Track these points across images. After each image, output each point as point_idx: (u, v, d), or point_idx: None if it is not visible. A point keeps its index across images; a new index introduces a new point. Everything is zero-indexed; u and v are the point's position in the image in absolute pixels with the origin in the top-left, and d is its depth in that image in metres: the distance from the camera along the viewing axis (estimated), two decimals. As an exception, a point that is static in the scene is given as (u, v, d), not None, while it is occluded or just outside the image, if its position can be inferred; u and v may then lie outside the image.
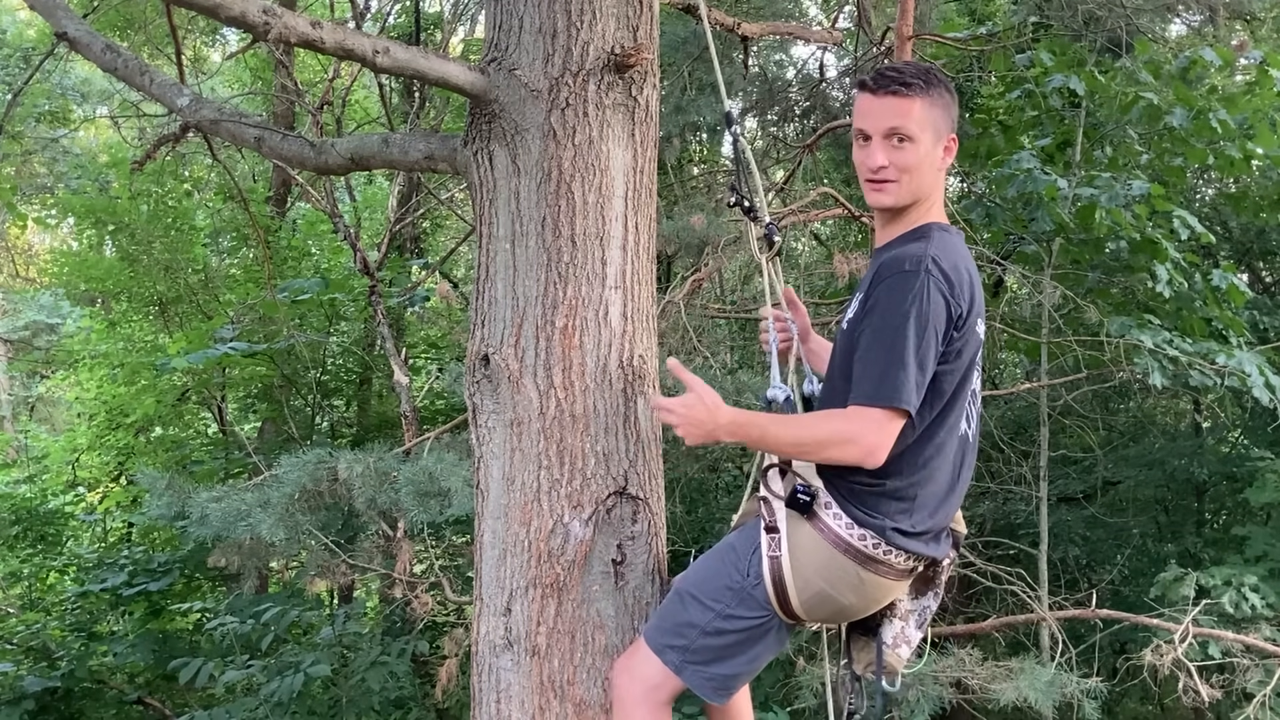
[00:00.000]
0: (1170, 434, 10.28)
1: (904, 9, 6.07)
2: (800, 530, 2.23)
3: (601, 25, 2.59)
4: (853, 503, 2.21)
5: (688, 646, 2.29)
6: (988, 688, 5.34)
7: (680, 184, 8.58)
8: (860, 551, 2.21)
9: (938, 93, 2.25)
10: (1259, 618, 6.36)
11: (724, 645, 2.30)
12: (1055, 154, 7.09)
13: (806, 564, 2.22)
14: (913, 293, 2.12)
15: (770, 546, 2.24)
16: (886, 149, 2.24)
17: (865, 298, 2.23)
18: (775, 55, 9.15)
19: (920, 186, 2.28)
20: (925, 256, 2.16)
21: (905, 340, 2.10)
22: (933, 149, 2.26)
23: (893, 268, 2.17)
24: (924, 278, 2.13)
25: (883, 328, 2.13)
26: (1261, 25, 9.00)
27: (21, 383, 16.54)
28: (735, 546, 2.34)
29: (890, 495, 2.21)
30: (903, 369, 2.10)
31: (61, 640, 9.03)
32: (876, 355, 2.12)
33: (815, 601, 2.24)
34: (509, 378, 2.53)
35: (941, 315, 2.14)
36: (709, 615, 2.29)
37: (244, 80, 12.55)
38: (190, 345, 8.70)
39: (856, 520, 2.20)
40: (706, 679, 2.31)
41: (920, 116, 2.23)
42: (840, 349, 2.30)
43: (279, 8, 2.45)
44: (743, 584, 2.27)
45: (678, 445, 7.82)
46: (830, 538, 2.21)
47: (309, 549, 5.69)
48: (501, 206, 2.60)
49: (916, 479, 2.23)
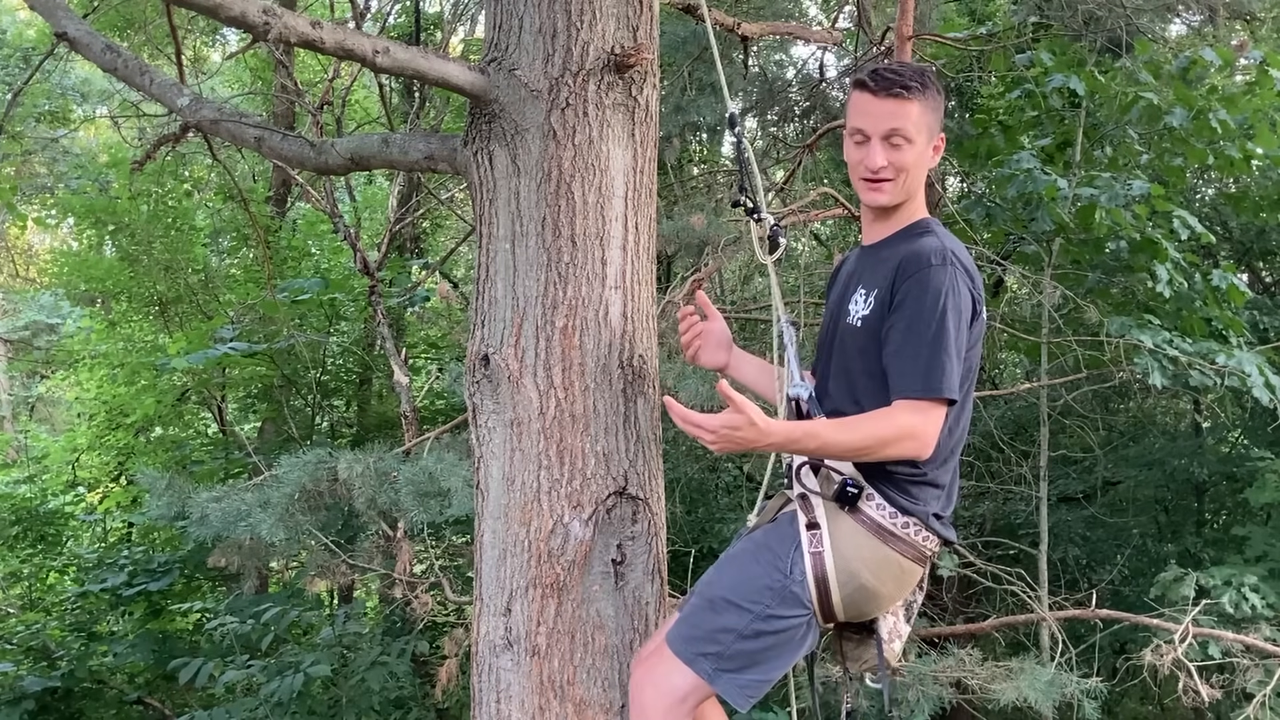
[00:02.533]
0: (1170, 434, 10.28)
1: (904, 9, 6.07)
2: (841, 524, 2.24)
3: (601, 25, 2.59)
4: (895, 492, 2.24)
5: (722, 653, 2.26)
6: (988, 688, 5.34)
7: (680, 184, 8.57)
8: (902, 539, 2.24)
9: (932, 94, 2.31)
10: (1259, 618, 6.36)
11: (760, 649, 2.27)
12: (1055, 154, 7.08)
13: (851, 557, 2.23)
14: (945, 286, 2.18)
15: (812, 543, 2.24)
16: (885, 149, 2.28)
17: (887, 294, 2.24)
18: (775, 55, 9.16)
19: (912, 185, 2.34)
20: (946, 250, 2.23)
21: (945, 332, 2.16)
22: (925, 149, 2.32)
23: (919, 263, 2.21)
24: (951, 270, 2.20)
25: (920, 321, 2.17)
26: (1261, 25, 9.00)
27: (21, 383, 16.53)
28: (770, 546, 2.32)
29: (930, 483, 2.27)
30: (948, 360, 2.15)
31: (61, 640, 9.02)
32: (918, 349, 2.16)
33: (856, 596, 2.25)
34: (509, 378, 2.53)
35: (967, 307, 2.22)
36: (747, 618, 2.26)
37: (244, 80, 12.55)
38: (190, 345, 8.70)
39: (901, 509, 2.24)
40: (740, 686, 2.28)
41: (918, 118, 2.28)
42: (854, 346, 2.30)
43: (279, 8, 2.45)
44: (784, 582, 2.26)
45: (678, 445, 7.84)
46: (873, 529, 2.23)
47: (309, 549, 5.69)
48: (501, 206, 2.60)
49: (946, 466, 2.30)
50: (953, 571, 6.36)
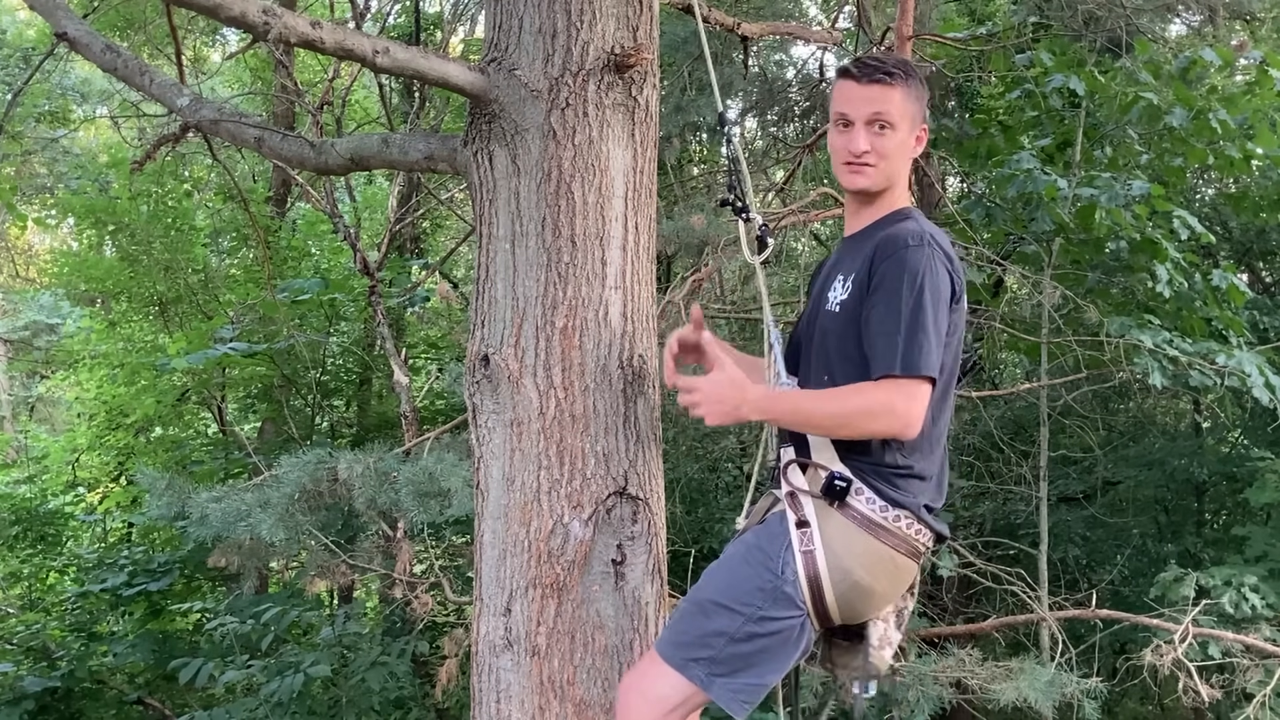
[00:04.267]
0: (1170, 434, 10.28)
1: (904, 9, 6.08)
2: (831, 521, 2.22)
3: (601, 25, 2.59)
4: (884, 485, 2.22)
5: (714, 658, 2.22)
6: (988, 688, 5.34)
7: (680, 184, 8.57)
8: (894, 532, 2.22)
9: (914, 84, 2.35)
10: (1259, 618, 6.36)
11: (753, 652, 2.23)
12: (1055, 154, 7.09)
13: (843, 554, 2.20)
14: (922, 265, 2.17)
15: (803, 541, 2.21)
16: (869, 134, 2.31)
17: (865, 276, 2.23)
18: (775, 55, 9.16)
19: (894, 172, 2.36)
20: (924, 232, 2.24)
21: (923, 310, 2.15)
22: (908, 137, 2.35)
23: (895, 244, 2.21)
24: (928, 250, 2.20)
25: (896, 300, 2.16)
26: (1261, 25, 9.00)
27: (21, 383, 16.53)
28: (761, 547, 2.28)
29: (918, 475, 2.25)
30: (925, 339, 2.14)
31: (61, 640, 9.03)
32: (895, 326, 2.14)
33: (850, 595, 2.22)
34: (509, 378, 2.53)
35: (945, 289, 2.21)
36: (739, 621, 2.22)
37: (244, 80, 12.54)
38: (190, 345, 8.70)
39: (891, 502, 2.21)
40: (734, 691, 2.23)
41: (900, 104, 2.31)
42: (832, 331, 2.29)
43: (279, 8, 2.45)
44: (776, 583, 2.22)
45: (678, 445, 7.84)
46: (864, 524, 2.21)
47: (309, 549, 5.68)
48: (501, 207, 2.60)
49: (932, 457, 2.28)
50: (953, 571, 6.36)
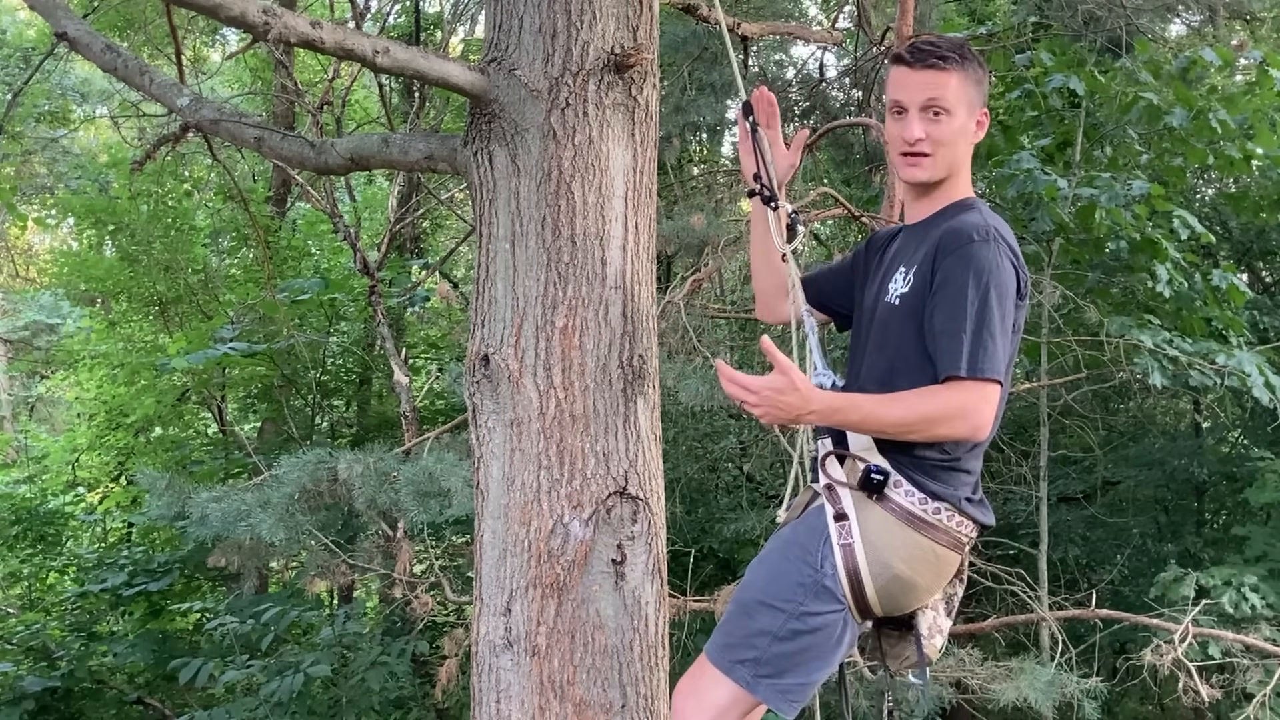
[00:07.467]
0: (1170, 434, 10.28)
1: (904, 9, 6.07)
2: (870, 514, 2.17)
3: (601, 25, 2.59)
4: (925, 478, 2.17)
5: (759, 658, 2.17)
6: (988, 688, 5.34)
7: (680, 184, 8.57)
8: (934, 525, 2.17)
9: (972, 67, 2.25)
10: (1259, 618, 6.37)
11: (798, 649, 2.19)
12: (1055, 154, 7.09)
13: (882, 547, 2.16)
14: (989, 263, 2.11)
15: (841, 534, 2.17)
16: (923, 121, 2.22)
17: (927, 271, 2.17)
18: (775, 55, 9.17)
19: (954, 160, 2.27)
20: (989, 226, 2.16)
21: (989, 310, 2.08)
22: (966, 122, 2.26)
23: (959, 239, 2.14)
24: (994, 247, 2.12)
25: (962, 299, 2.09)
26: (1261, 25, 9.01)
27: (21, 383, 16.52)
28: (799, 541, 2.25)
29: (961, 469, 2.21)
30: (992, 340, 2.08)
31: (61, 640, 9.02)
32: (961, 326, 2.08)
33: (891, 587, 2.18)
34: (509, 378, 2.53)
35: (1011, 285, 2.14)
36: (781, 618, 2.18)
37: (244, 80, 12.55)
38: (190, 345, 8.70)
39: (930, 494, 2.17)
40: (780, 691, 2.20)
41: (957, 89, 2.22)
42: (893, 325, 2.24)
43: (279, 8, 2.45)
44: (815, 577, 2.18)
45: (678, 445, 7.84)
46: (903, 516, 2.16)
47: (309, 549, 5.69)
48: (501, 206, 2.59)
49: (977, 451, 2.24)
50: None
